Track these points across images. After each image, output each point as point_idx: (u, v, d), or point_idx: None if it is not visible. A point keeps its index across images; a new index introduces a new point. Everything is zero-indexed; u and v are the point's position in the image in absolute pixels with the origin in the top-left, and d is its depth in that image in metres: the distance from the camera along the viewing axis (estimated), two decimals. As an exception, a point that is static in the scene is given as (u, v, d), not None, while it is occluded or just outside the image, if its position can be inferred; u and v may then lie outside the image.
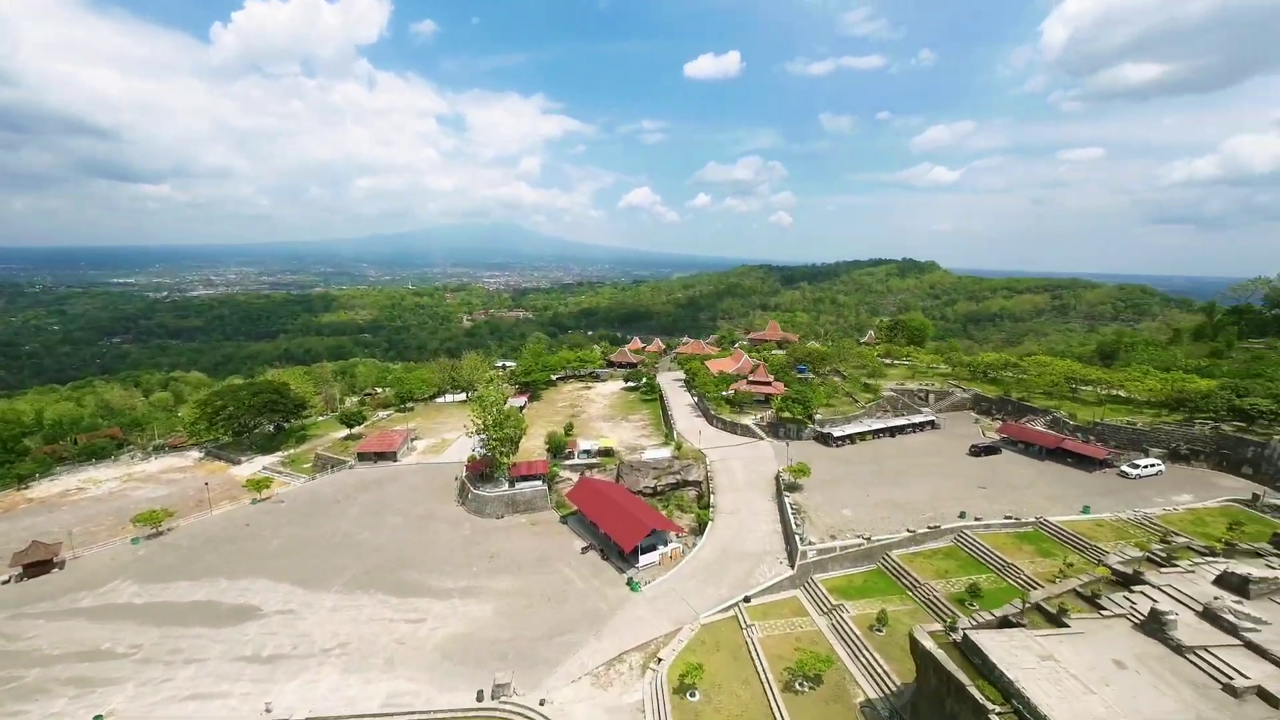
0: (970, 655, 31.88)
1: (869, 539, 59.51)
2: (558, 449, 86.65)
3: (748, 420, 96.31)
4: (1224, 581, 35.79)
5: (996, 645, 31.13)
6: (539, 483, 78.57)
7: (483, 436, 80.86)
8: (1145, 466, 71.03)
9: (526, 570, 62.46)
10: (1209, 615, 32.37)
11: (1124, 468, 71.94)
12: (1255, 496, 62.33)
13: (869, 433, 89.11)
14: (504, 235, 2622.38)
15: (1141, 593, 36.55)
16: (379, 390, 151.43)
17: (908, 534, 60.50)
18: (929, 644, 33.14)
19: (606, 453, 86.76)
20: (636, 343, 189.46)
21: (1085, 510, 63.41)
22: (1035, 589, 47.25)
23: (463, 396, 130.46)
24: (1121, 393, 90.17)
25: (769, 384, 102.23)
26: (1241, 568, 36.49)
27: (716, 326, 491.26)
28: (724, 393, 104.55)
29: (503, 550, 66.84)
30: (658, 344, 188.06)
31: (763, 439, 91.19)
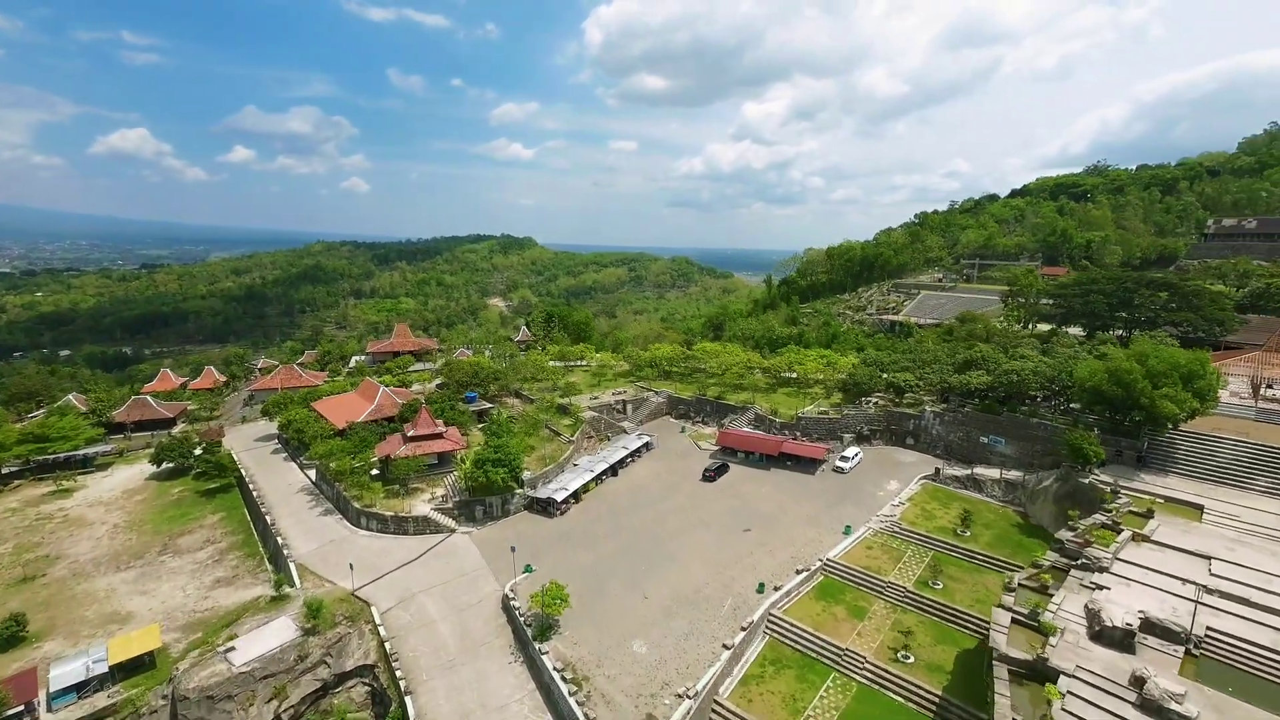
0: None
1: (691, 690, 40.37)
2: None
3: (421, 504, 64.47)
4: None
5: None
6: None
7: None
8: (853, 458, 74.08)
9: None
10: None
11: (836, 462, 73.60)
12: (937, 470, 70.33)
13: (593, 480, 70.29)
14: None
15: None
16: None
17: (726, 651, 43.94)
18: None
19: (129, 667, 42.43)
20: (168, 377, 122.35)
21: (847, 530, 59.77)
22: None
23: None
24: (790, 375, 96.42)
25: (440, 435, 71.60)
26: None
27: (298, 325, 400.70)
28: (368, 463, 68.55)
29: None
30: (212, 375, 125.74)
31: (454, 530, 61.63)
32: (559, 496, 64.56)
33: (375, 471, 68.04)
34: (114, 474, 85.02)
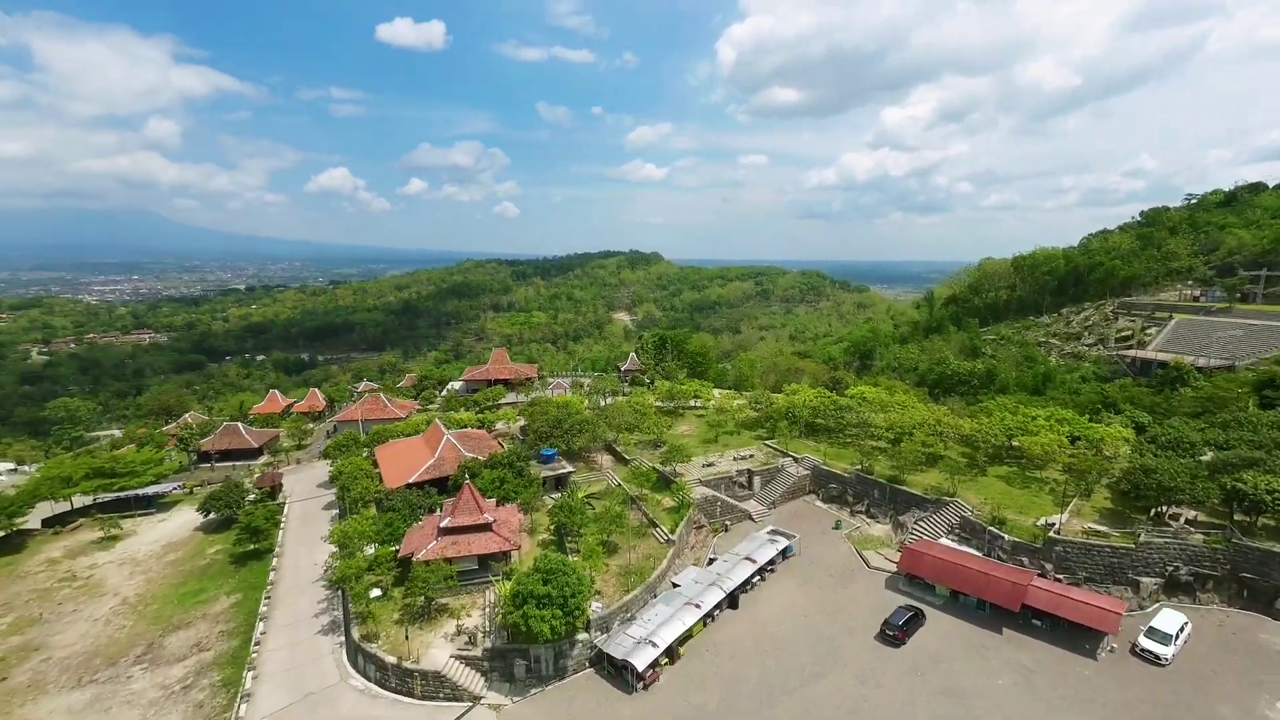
0: None
1: None
2: None
3: (441, 642, 42.14)
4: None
5: None
6: None
7: None
8: (1175, 634, 39.73)
9: None
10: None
11: (1143, 640, 39.86)
12: None
13: (699, 622, 43.69)
14: (131, 226, 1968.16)
15: None
16: None
17: None
18: None
19: None
20: (276, 398, 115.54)
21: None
22: None
23: None
24: (998, 438, 62.42)
25: (487, 526, 49.27)
26: None
27: (443, 336, 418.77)
28: (385, 561, 47.83)
29: None
30: (316, 397, 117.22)
31: (479, 700, 38.43)
32: (642, 658, 38.78)
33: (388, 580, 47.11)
34: (172, 518, 73.91)
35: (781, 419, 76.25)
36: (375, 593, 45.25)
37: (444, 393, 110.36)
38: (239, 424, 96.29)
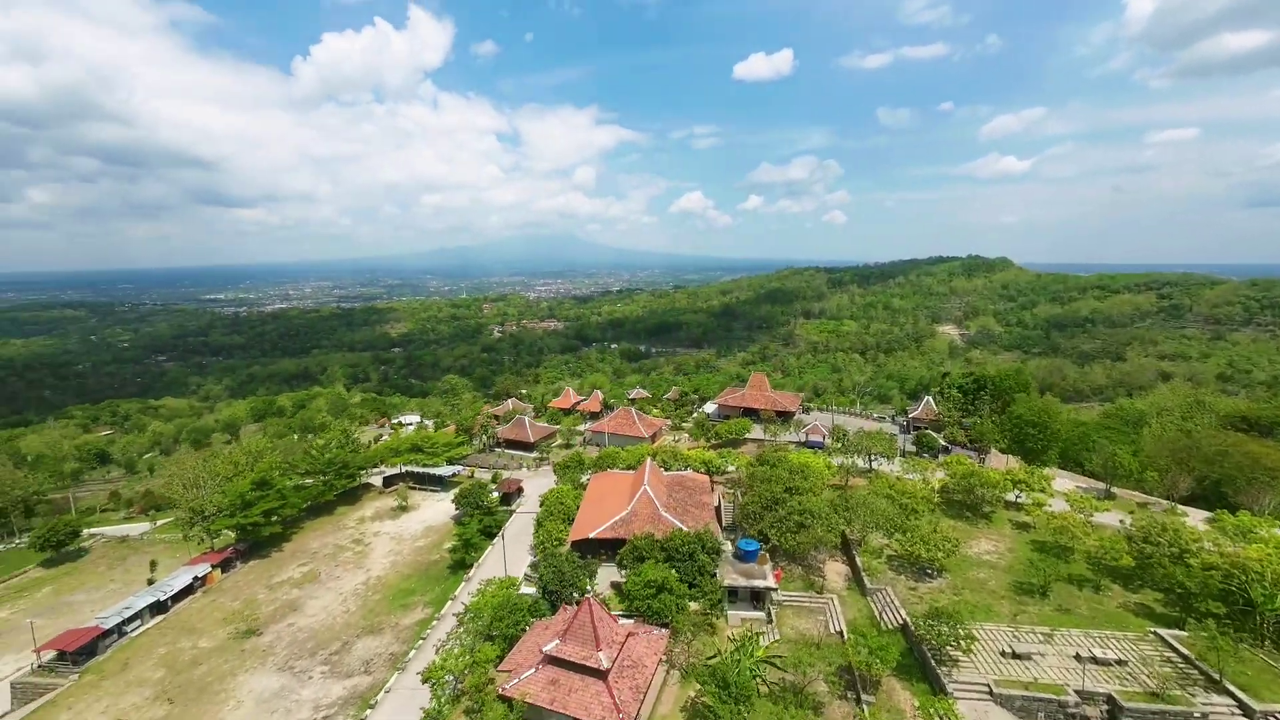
0: None
1: None
2: None
3: None
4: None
5: None
6: None
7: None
8: None
9: None
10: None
11: None
12: None
13: None
14: (561, 244, 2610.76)
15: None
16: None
17: None
18: None
19: None
20: (569, 395, 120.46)
21: None
22: None
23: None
24: None
25: (599, 671, 31.64)
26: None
27: (753, 339, 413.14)
28: (481, 668, 34.85)
29: None
30: (598, 399, 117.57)
31: None
32: None
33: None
34: (445, 500, 78.86)
35: (1208, 595, 35.78)
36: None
37: (697, 413, 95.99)
38: (525, 418, 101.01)
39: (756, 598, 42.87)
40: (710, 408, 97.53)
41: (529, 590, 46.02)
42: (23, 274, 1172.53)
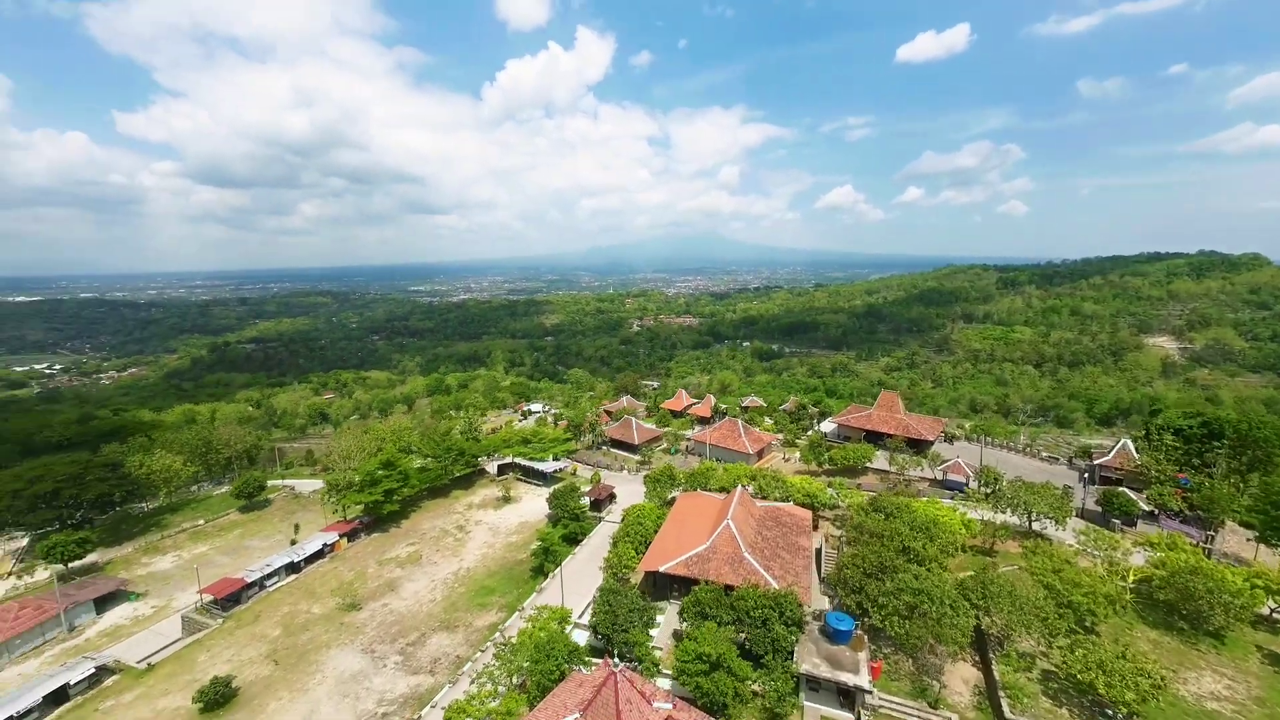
0: None
1: None
2: None
3: None
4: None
5: None
6: None
7: None
8: None
9: None
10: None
11: None
12: None
13: None
14: (703, 243, 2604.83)
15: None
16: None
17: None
18: None
19: None
20: (682, 397, 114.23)
21: None
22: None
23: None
24: None
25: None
26: None
27: (900, 344, 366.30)
28: None
29: None
30: (711, 403, 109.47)
31: None
32: None
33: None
34: (545, 495, 78.04)
35: None
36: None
37: (813, 431, 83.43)
38: (633, 419, 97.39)
39: (844, 694, 32.81)
40: (828, 426, 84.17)
41: (584, 628, 41.16)
42: (293, 270, 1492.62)
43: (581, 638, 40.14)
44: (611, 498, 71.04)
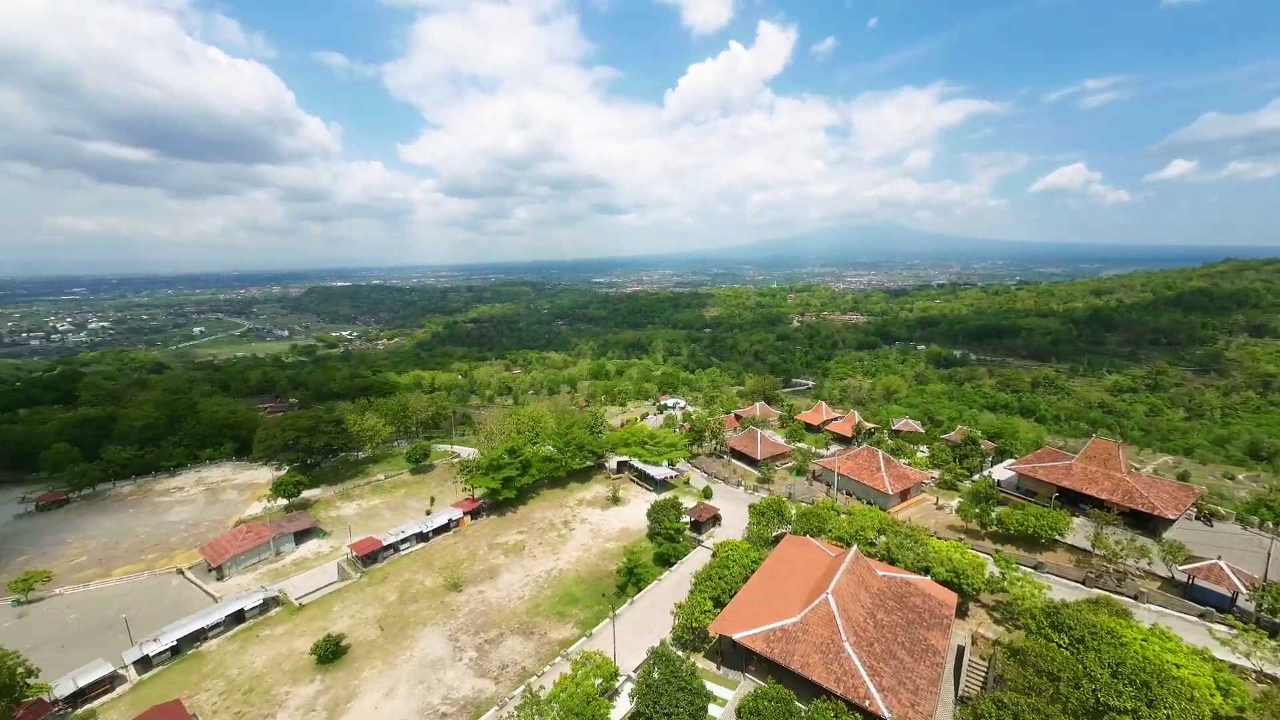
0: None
1: None
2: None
3: None
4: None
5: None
6: None
7: None
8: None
9: None
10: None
11: None
12: None
13: None
14: (881, 234, 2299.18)
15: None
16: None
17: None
18: None
19: None
20: (821, 410, 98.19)
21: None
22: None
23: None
24: None
25: None
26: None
27: (1138, 359, 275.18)
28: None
29: None
30: (854, 419, 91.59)
31: None
32: None
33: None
34: (652, 501, 72.78)
35: None
36: None
37: (981, 476, 62.74)
38: (759, 430, 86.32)
39: None
40: (1003, 472, 62.48)
41: (628, 691, 34.59)
42: (507, 263, 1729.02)
43: (624, 706, 33.71)
44: (715, 520, 62.61)
